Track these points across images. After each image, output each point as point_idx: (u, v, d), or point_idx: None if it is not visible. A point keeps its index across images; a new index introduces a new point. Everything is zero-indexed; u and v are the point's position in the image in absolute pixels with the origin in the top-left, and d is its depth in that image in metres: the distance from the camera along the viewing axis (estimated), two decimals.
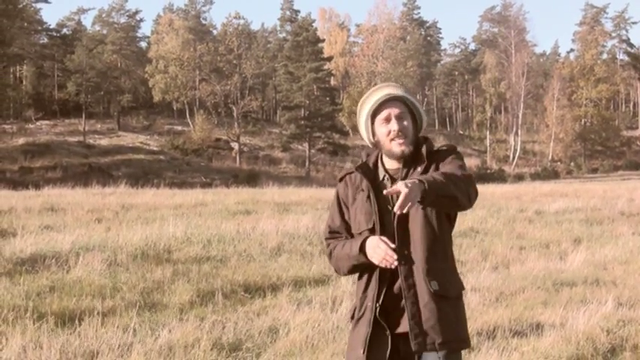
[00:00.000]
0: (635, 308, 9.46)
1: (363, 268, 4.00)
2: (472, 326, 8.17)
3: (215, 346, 7.29)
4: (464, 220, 19.42)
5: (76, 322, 7.90)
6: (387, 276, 3.92)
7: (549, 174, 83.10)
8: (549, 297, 10.36)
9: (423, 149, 4.03)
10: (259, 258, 13.14)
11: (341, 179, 4.24)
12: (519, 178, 77.09)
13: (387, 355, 3.89)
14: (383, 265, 3.84)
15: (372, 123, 4.12)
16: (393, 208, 3.75)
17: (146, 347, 7.11)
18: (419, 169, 3.97)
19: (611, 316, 8.83)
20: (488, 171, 79.69)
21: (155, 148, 75.23)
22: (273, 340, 7.76)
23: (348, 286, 10.43)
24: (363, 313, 3.99)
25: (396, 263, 3.80)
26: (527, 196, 32.13)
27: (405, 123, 4.04)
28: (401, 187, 3.48)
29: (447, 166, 3.94)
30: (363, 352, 3.92)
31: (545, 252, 15.54)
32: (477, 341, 7.74)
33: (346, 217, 4.17)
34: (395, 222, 3.90)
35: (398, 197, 3.61)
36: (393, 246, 3.79)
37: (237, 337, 7.73)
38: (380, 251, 3.80)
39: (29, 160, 62.63)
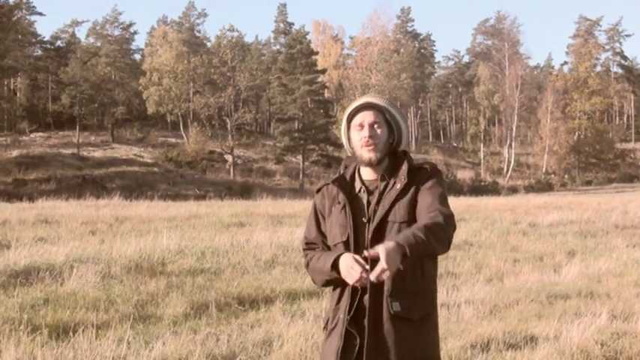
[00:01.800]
0: (629, 321, 9.47)
1: (338, 281, 3.98)
2: (466, 339, 8.18)
3: (209, 359, 7.29)
4: (458, 232, 19.32)
5: (70, 334, 7.90)
6: (359, 289, 3.89)
7: (543, 186, 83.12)
8: (543, 310, 10.37)
9: (404, 166, 4.03)
10: (253, 270, 13.14)
11: (318, 190, 4.27)
12: (513, 190, 77.07)
13: None
14: (357, 285, 3.81)
15: (349, 129, 4.16)
16: (367, 220, 3.90)
17: None
18: (398, 185, 3.97)
19: (606, 328, 8.83)
20: (482, 183, 79.69)
21: (149, 161, 75.10)
22: (266, 352, 7.75)
23: None
24: (335, 325, 4.00)
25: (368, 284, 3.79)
26: (521, 208, 32.18)
27: (378, 131, 4.05)
28: (381, 254, 3.47)
29: (427, 199, 3.92)
30: None
31: (539, 264, 15.57)
32: (471, 354, 7.75)
33: (322, 228, 4.19)
34: (369, 238, 3.90)
35: (373, 216, 3.87)
36: (367, 267, 3.71)
37: (230, 350, 7.72)
38: (354, 272, 3.73)
39: (23, 172, 62.40)
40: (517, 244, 18.91)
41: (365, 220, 3.95)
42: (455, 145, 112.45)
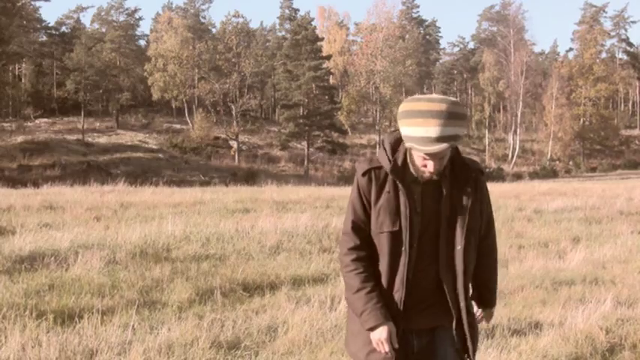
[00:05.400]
0: (634, 307, 9.45)
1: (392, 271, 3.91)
2: None
3: (214, 345, 7.29)
4: None
5: (76, 320, 7.90)
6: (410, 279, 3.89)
7: (548, 173, 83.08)
8: (548, 296, 10.35)
9: (448, 164, 3.87)
10: (258, 256, 13.12)
11: (364, 174, 3.92)
12: (518, 176, 77.03)
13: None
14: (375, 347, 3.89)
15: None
16: (419, 210, 3.84)
17: (145, 345, 7.09)
18: (447, 184, 3.89)
19: (610, 315, 8.82)
20: (487, 170, 79.51)
21: (154, 147, 75.19)
22: (271, 338, 7.74)
23: None
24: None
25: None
26: (526, 194, 32.12)
27: (444, 159, 3.78)
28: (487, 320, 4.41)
29: (485, 216, 4.19)
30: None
31: (544, 251, 15.52)
32: None
33: (369, 212, 3.95)
34: (419, 230, 3.87)
35: (424, 198, 3.85)
36: (395, 346, 3.81)
37: (235, 336, 7.72)
38: (380, 348, 3.84)
39: (28, 158, 62.57)
40: (522, 231, 18.85)
41: (418, 210, 3.83)
42: None
